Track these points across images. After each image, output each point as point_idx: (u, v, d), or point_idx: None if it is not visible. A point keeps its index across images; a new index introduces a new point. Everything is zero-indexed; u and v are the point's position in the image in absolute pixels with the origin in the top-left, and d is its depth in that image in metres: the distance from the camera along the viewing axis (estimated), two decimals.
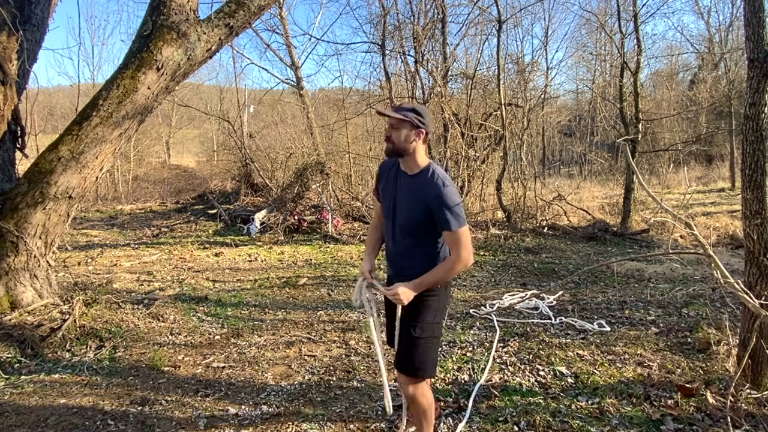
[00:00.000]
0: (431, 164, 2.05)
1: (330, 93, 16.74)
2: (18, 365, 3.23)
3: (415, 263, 2.04)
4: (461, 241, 1.95)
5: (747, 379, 2.74)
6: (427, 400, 2.12)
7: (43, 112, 17.51)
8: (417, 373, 2.07)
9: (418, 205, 1.99)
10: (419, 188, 2.00)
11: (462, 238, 1.95)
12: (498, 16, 9.52)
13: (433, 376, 2.32)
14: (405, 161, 2.06)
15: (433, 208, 1.94)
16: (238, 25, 4.42)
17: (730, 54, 18.24)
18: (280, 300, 4.94)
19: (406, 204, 2.04)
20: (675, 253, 2.91)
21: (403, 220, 2.05)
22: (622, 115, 9.75)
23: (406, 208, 2.03)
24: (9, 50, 3.85)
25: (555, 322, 4.13)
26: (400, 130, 1.98)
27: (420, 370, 2.06)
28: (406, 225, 2.04)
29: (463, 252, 1.95)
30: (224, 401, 2.85)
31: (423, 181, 2.00)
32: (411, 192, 2.03)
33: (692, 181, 17.14)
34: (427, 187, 1.97)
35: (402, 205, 2.05)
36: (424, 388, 2.12)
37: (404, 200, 2.05)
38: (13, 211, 3.74)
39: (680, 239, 7.78)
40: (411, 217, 2.02)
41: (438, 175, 2.00)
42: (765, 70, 2.61)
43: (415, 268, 2.03)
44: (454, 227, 1.93)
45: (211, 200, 11.14)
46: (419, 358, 2.05)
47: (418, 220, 2.00)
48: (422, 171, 2.03)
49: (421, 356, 2.05)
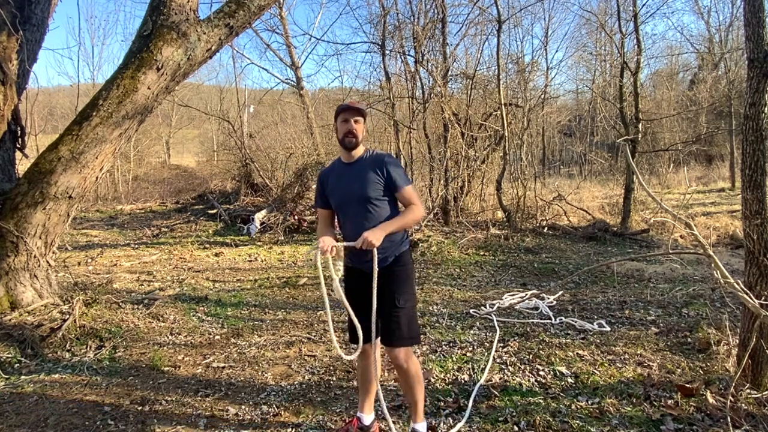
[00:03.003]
0: (366, 148, 2.37)
1: (330, 93, 16.76)
2: (18, 365, 3.23)
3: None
4: (413, 195, 2.27)
5: (747, 379, 2.74)
6: (416, 365, 2.29)
7: (43, 112, 17.52)
8: (410, 342, 2.25)
9: (371, 178, 2.25)
10: (366, 167, 2.28)
11: (413, 193, 2.27)
12: (498, 16, 9.52)
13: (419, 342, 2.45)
14: (352, 153, 2.31)
15: (383, 174, 2.24)
16: (238, 25, 4.42)
17: (730, 54, 18.24)
18: (280, 300, 4.94)
19: (360, 181, 2.26)
20: (675, 253, 2.91)
21: (363, 194, 2.25)
22: (622, 115, 9.75)
23: (362, 183, 2.26)
24: (9, 50, 3.85)
25: (555, 322, 4.13)
26: (363, 125, 2.30)
27: (412, 338, 2.26)
28: (366, 198, 2.25)
29: (419, 203, 2.26)
30: (224, 401, 2.85)
31: (366, 160, 2.31)
32: (360, 173, 2.28)
33: (692, 181, 17.15)
34: (373, 162, 2.28)
35: (357, 185, 2.27)
36: (413, 355, 2.30)
37: (358, 181, 2.27)
38: (13, 211, 3.74)
39: (680, 239, 7.78)
40: (369, 188, 2.25)
41: (377, 151, 2.35)
42: (765, 70, 2.61)
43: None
44: (404, 185, 2.25)
45: (211, 200, 11.14)
46: (408, 326, 2.22)
47: (375, 190, 2.25)
48: (362, 155, 2.33)
49: (410, 324, 2.24)
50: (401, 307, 2.21)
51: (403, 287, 2.25)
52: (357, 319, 2.22)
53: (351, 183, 2.29)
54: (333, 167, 2.42)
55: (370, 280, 2.18)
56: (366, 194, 2.24)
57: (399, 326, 2.20)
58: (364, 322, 2.21)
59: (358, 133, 2.26)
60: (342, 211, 2.35)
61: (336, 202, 2.36)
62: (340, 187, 2.34)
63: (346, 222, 2.34)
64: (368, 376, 2.42)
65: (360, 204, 2.26)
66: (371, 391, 2.46)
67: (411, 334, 2.23)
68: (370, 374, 2.41)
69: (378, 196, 2.25)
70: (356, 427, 2.44)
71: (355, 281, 2.33)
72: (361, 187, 2.26)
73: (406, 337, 2.22)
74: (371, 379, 2.42)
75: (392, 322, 2.20)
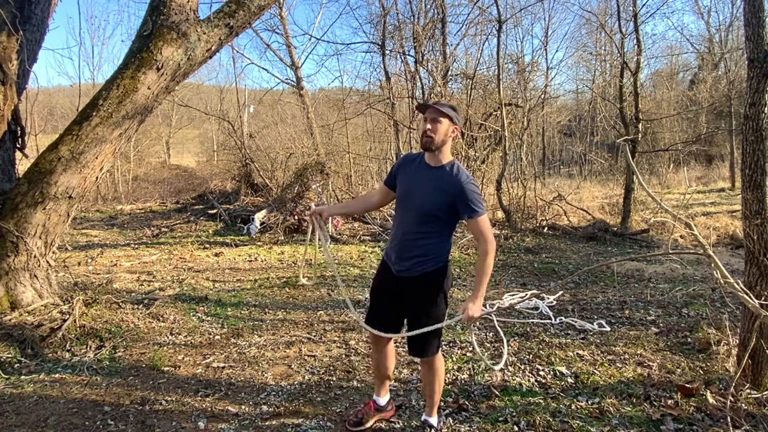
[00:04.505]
0: (455, 160, 2.26)
1: (330, 93, 16.73)
2: (18, 365, 3.22)
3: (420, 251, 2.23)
4: (484, 227, 2.16)
5: (747, 379, 2.74)
6: (440, 360, 2.43)
7: (43, 112, 17.50)
8: (431, 355, 2.35)
9: (439, 195, 2.18)
10: (442, 180, 2.19)
11: (484, 224, 2.17)
12: (498, 16, 9.53)
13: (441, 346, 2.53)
14: (433, 155, 2.23)
15: (456, 200, 2.15)
16: (238, 25, 4.41)
17: (730, 54, 18.24)
18: (280, 300, 4.94)
19: (426, 193, 2.20)
20: (675, 253, 2.92)
21: (421, 208, 2.21)
22: (622, 115, 9.75)
23: (426, 196, 2.20)
24: (9, 50, 3.85)
25: (555, 322, 4.13)
26: (441, 125, 2.17)
27: (432, 352, 2.35)
28: (422, 212, 2.21)
29: (488, 236, 2.16)
30: (224, 401, 2.85)
31: (446, 174, 2.20)
32: (433, 183, 2.20)
33: (692, 181, 17.15)
34: (451, 180, 2.18)
35: (421, 194, 2.22)
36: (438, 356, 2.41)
37: (424, 190, 2.22)
38: (13, 211, 3.74)
39: (680, 239, 7.78)
40: (430, 205, 2.19)
41: (461, 170, 2.21)
42: (765, 70, 2.61)
43: (417, 254, 2.22)
44: (475, 215, 2.14)
45: (211, 200, 11.13)
46: (429, 343, 2.32)
47: (435, 209, 2.18)
48: (446, 165, 2.23)
49: (431, 342, 2.33)
50: (425, 326, 2.26)
51: (430, 309, 2.27)
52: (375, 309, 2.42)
53: (419, 187, 2.24)
54: (416, 159, 2.35)
55: (395, 280, 2.30)
56: (425, 207, 2.20)
57: (425, 344, 2.32)
58: (380, 315, 2.38)
59: (435, 134, 2.17)
60: (399, 206, 2.35)
61: (398, 193, 2.35)
62: (408, 183, 2.30)
63: (397, 219, 2.35)
64: (382, 366, 2.55)
65: (415, 211, 2.23)
66: (385, 378, 2.59)
67: (431, 349, 2.34)
68: (383, 365, 2.55)
69: (435, 213, 2.20)
70: (373, 409, 2.57)
71: (383, 274, 2.41)
72: (424, 197, 2.20)
73: (427, 352, 2.35)
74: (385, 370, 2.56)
75: (419, 339, 2.30)
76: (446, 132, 2.18)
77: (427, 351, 2.33)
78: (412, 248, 2.24)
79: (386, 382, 2.62)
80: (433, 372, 2.39)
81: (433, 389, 2.43)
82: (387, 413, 2.61)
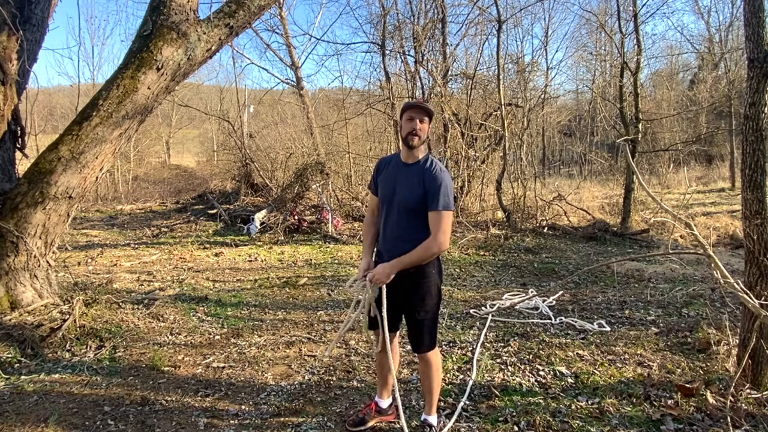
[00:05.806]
0: (428, 154, 2.34)
1: (330, 93, 16.73)
2: (18, 365, 3.22)
3: (410, 246, 2.23)
4: (441, 222, 2.17)
5: (747, 379, 2.74)
6: (437, 356, 2.45)
7: (43, 112, 17.52)
8: (428, 349, 2.38)
9: (419, 188, 2.23)
10: (419, 175, 2.25)
11: (443, 220, 2.17)
12: (498, 16, 9.52)
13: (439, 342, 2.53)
14: (411, 153, 2.30)
15: (428, 190, 2.20)
16: (238, 25, 4.42)
17: (730, 54, 18.23)
18: (280, 300, 4.94)
19: (408, 188, 2.26)
20: (675, 253, 2.92)
21: (404, 202, 2.27)
22: (622, 115, 9.75)
23: (408, 191, 2.26)
24: (9, 50, 3.85)
25: (555, 322, 4.13)
26: (426, 124, 2.27)
27: (429, 345, 2.38)
28: (406, 207, 2.26)
29: (439, 235, 2.17)
30: (224, 401, 2.85)
31: (421, 168, 2.27)
32: (412, 179, 2.27)
33: (692, 181, 17.15)
34: (425, 173, 2.24)
35: (404, 189, 2.28)
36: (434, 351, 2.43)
37: (405, 185, 2.28)
38: (13, 211, 3.74)
39: (680, 239, 7.78)
40: (413, 201, 2.24)
41: (436, 163, 2.29)
42: (765, 70, 2.61)
43: (407, 249, 2.22)
44: (439, 207, 2.17)
45: (211, 200, 11.13)
46: (426, 336, 2.36)
47: (417, 204, 2.23)
48: (420, 160, 2.31)
49: (428, 334, 2.36)
50: (421, 320, 2.32)
51: (425, 299, 2.31)
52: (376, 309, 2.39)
53: (398, 184, 2.30)
54: (392, 159, 2.43)
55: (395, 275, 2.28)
56: (409, 204, 2.25)
57: (422, 337, 2.35)
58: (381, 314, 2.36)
59: (422, 133, 2.26)
60: (383, 207, 2.40)
61: (381, 195, 2.41)
62: (388, 184, 2.36)
63: (384, 220, 2.38)
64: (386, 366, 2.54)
65: (399, 209, 2.29)
66: (388, 380, 2.59)
67: (428, 342, 2.38)
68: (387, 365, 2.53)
69: (417, 208, 2.23)
70: (374, 411, 2.59)
71: None
72: (404, 193, 2.27)
73: (423, 346, 2.37)
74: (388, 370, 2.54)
75: (416, 332, 2.36)
76: (427, 130, 2.29)
77: (420, 346, 2.37)
78: (402, 244, 2.26)
79: (389, 384, 2.61)
80: (429, 367, 2.41)
81: (431, 386, 2.44)
82: (388, 416, 2.61)
